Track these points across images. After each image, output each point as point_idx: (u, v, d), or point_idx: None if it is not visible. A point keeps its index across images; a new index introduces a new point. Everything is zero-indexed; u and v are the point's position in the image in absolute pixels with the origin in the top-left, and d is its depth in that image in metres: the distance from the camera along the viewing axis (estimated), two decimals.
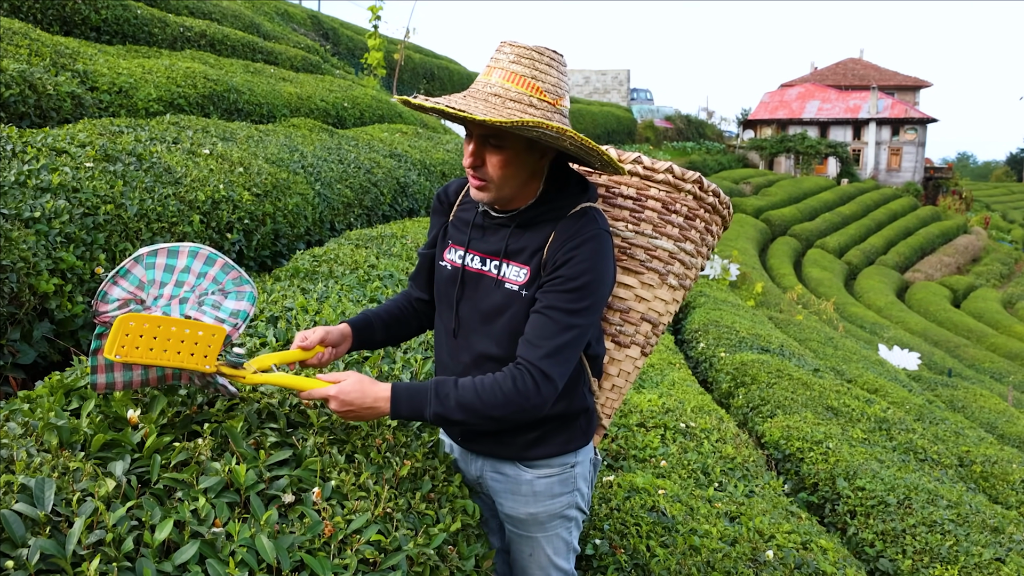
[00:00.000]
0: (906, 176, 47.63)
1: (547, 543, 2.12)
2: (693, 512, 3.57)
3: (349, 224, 6.87)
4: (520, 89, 1.77)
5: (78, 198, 3.64)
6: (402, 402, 1.80)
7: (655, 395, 5.38)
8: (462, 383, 1.81)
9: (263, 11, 18.29)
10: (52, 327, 3.18)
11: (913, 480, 5.13)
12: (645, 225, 2.11)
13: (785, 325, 13.10)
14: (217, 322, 1.79)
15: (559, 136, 1.70)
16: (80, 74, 6.65)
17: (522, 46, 1.80)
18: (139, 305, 1.70)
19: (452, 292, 2.01)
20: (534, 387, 1.79)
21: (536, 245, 1.88)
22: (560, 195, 1.91)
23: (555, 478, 2.06)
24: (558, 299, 1.81)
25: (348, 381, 1.79)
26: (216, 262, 1.79)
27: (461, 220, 2.04)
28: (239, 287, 1.83)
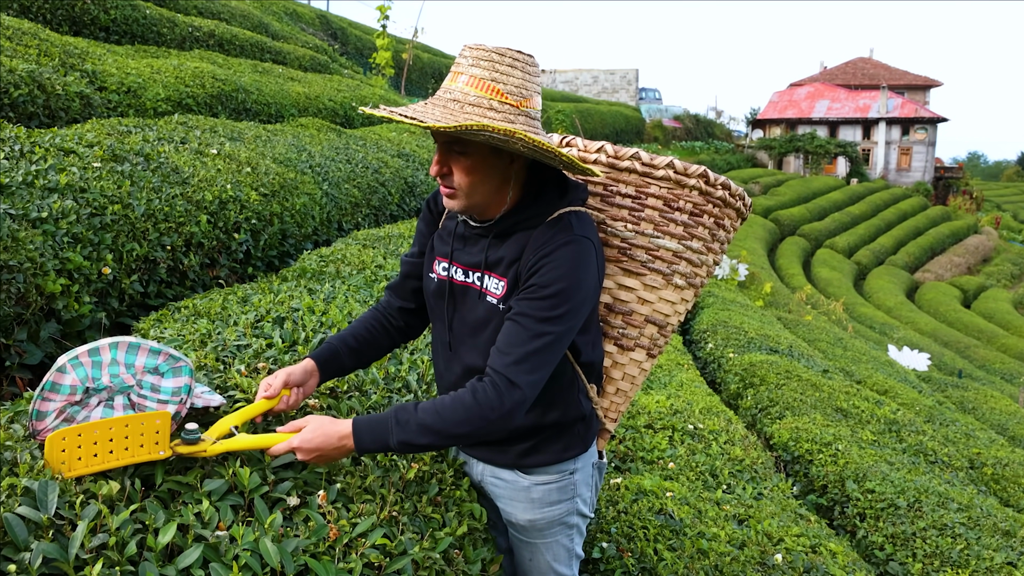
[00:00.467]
0: (916, 176, 47.43)
1: (547, 549, 2.10)
2: (701, 515, 3.55)
3: (357, 224, 6.87)
4: (479, 93, 1.71)
5: (85, 198, 3.64)
6: (364, 435, 1.73)
7: (663, 396, 5.36)
8: (422, 405, 1.74)
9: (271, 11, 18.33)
10: (59, 327, 3.18)
11: (923, 483, 5.09)
12: (645, 224, 2.01)
13: (794, 326, 13.06)
14: (161, 405, 1.75)
15: (508, 139, 1.65)
16: (89, 74, 6.67)
17: (482, 48, 1.74)
18: (76, 406, 1.65)
19: (442, 305, 1.97)
20: (496, 396, 1.71)
21: (513, 256, 1.83)
22: (536, 202, 1.85)
23: (553, 485, 2.02)
24: (530, 306, 1.75)
25: (308, 427, 1.73)
26: (140, 349, 1.73)
27: (446, 230, 2.00)
28: (174, 365, 1.78)
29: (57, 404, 1.62)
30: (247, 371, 2.31)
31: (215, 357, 2.38)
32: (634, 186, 2.03)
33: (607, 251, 2.04)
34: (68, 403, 1.64)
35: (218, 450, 1.68)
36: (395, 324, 2.13)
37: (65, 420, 1.63)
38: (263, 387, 1.88)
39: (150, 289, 3.88)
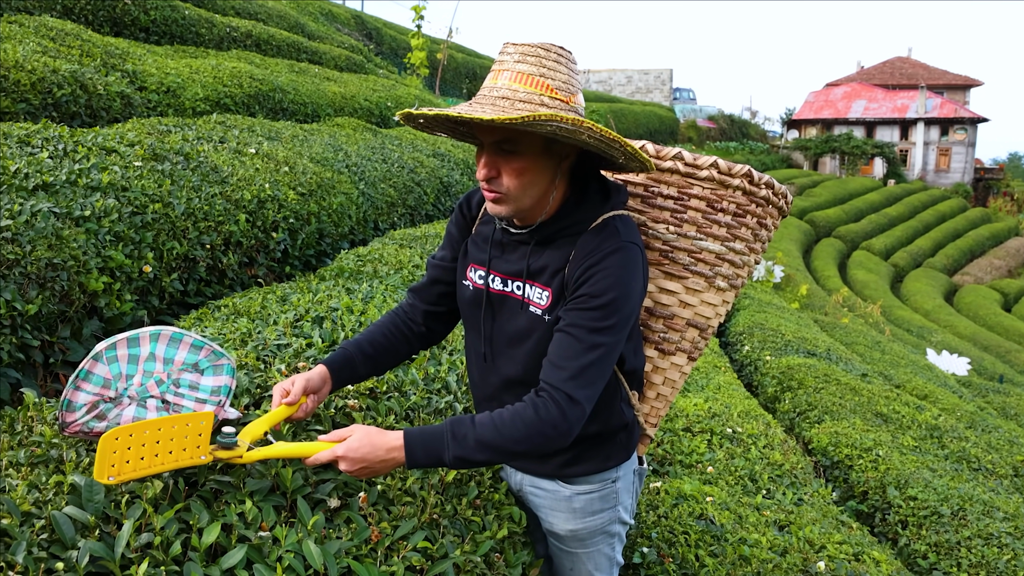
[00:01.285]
0: (955, 177, 46.66)
1: (588, 559, 2.06)
2: (741, 520, 3.49)
3: (393, 223, 6.88)
4: (530, 88, 1.65)
5: (127, 197, 3.67)
6: (417, 450, 1.64)
7: (701, 399, 5.30)
8: (479, 420, 1.66)
9: (308, 11, 18.46)
10: (101, 325, 3.21)
11: (967, 490, 4.99)
12: (688, 226, 1.96)
13: (831, 328, 12.89)
14: (199, 404, 1.70)
15: (576, 129, 1.57)
16: (129, 74, 6.75)
17: (527, 44, 1.68)
18: (109, 403, 1.58)
19: (478, 315, 1.90)
20: (559, 413, 1.65)
21: (557, 264, 1.76)
22: (580, 207, 1.78)
23: (595, 494, 1.98)
24: (581, 317, 1.69)
25: (354, 437, 1.63)
26: (182, 341, 1.66)
27: (481, 236, 1.92)
28: (215, 362, 1.71)
29: (89, 396, 1.55)
30: (287, 370, 2.31)
31: (256, 356, 2.38)
32: (676, 187, 1.97)
33: (648, 254, 1.98)
34: (100, 398, 1.57)
35: (255, 457, 1.62)
36: (416, 330, 2.04)
37: (96, 416, 1.57)
38: (280, 392, 1.77)
39: (190, 287, 3.91)
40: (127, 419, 1.60)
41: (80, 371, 1.53)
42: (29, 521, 1.40)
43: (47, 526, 1.39)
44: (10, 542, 1.33)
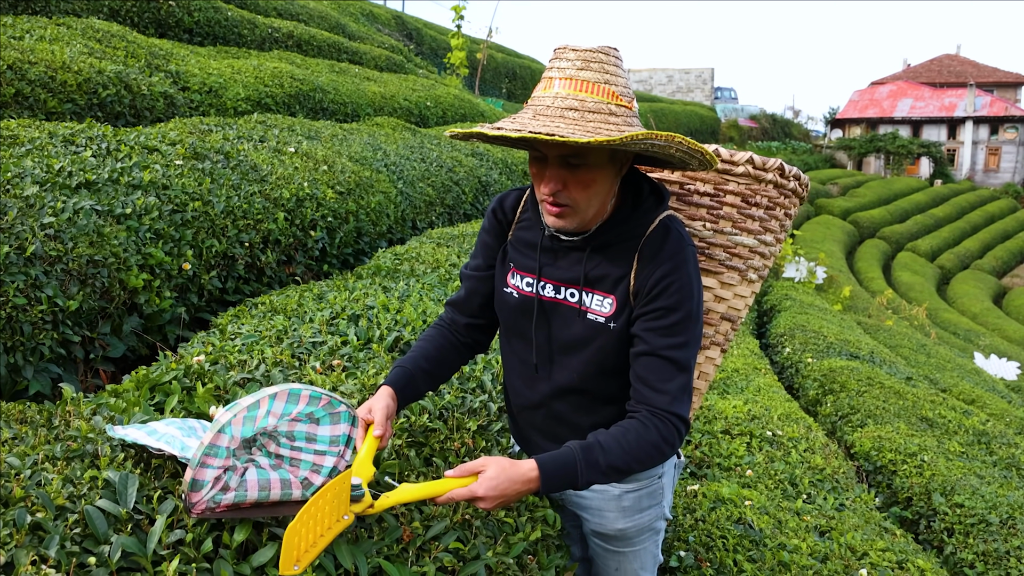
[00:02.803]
0: (1005, 177, 45.61)
1: (635, 558, 2.05)
2: (781, 525, 3.43)
3: (431, 223, 6.89)
4: (598, 98, 1.61)
5: (167, 195, 3.71)
6: (553, 479, 1.61)
7: (740, 401, 5.22)
8: (605, 443, 1.64)
9: (348, 12, 18.60)
10: (141, 321, 3.24)
11: (1017, 498, 4.85)
12: (724, 223, 1.97)
13: (874, 331, 12.66)
14: (318, 456, 1.62)
15: (669, 144, 1.56)
16: (172, 74, 6.84)
17: (587, 49, 1.64)
18: (230, 471, 1.49)
19: (526, 323, 1.86)
20: (676, 434, 1.68)
21: (620, 271, 1.73)
22: (637, 210, 1.75)
23: (643, 491, 1.96)
24: (664, 336, 1.69)
25: (490, 471, 1.57)
26: (300, 396, 1.55)
27: (523, 241, 1.87)
28: (332, 410, 1.62)
29: (215, 471, 1.44)
30: (322, 368, 2.31)
31: (291, 354, 2.38)
32: (712, 183, 1.97)
33: None
34: (223, 470, 1.46)
35: (386, 505, 1.55)
36: (463, 341, 2.00)
37: (222, 489, 1.46)
38: (360, 426, 1.68)
39: (228, 285, 3.94)
40: (252, 483, 1.52)
41: (204, 449, 1.43)
42: (63, 515, 1.40)
43: (80, 520, 1.39)
44: (44, 536, 1.34)
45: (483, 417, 2.30)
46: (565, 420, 1.88)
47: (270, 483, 1.53)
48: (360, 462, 1.62)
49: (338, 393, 2.11)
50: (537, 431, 1.95)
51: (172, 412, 1.84)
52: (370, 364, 2.40)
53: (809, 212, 33.00)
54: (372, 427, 1.69)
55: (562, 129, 1.54)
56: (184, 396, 1.94)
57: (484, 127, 1.61)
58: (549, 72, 1.67)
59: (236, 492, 1.48)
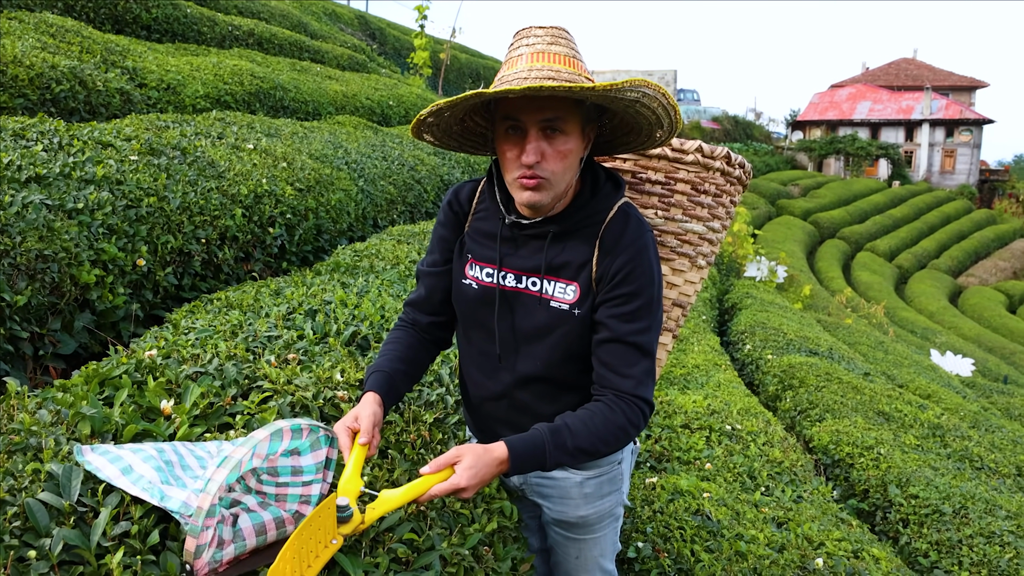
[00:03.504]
0: (960, 179, 46.51)
1: (595, 545, 2.06)
2: (739, 517, 3.46)
3: (392, 220, 6.86)
4: (570, 70, 1.62)
5: (121, 190, 3.65)
6: (522, 458, 1.62)
7: (700, 396, 5.26)
8: (572, 425, 1.66)
9: (311, 11, 18.46)
10: (93, 318, 3.18)
11: (969, 489, 4.95)
12: (675, 210, 2.02)
13: (834, 328, 12.84)
14: (306, 487, 1.59)
15: (655, 94, 1.58)
16: (129, 71, 6.73)
17: (552, 26, 1.67)
18: (221, 523, 1.42)
19: (487, 314, 1.85)
20: (642, 417, 1.72)
21: (581, 258, 1.74)
22: (596, 196, 1.76)
23: (604, 477, 1.98)
24: (628, 321, 1.70)
25: (467, 460, 1.56)
26: (283, 433, 1.51)
27: (481, 232, 1.86)
28: (313, 438, 1.59)
29: (212, 531, 1.37)
30: (277, 362, 2.29)
31: (245, 348, 2.35)
32: (664, 172, 2.02)
33: None
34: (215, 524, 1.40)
35: (374, 517, 1.53)
36: (427, 339, 1.99)
37: (218, 545, 1.40)
38: (346, 433, 1.65)
39: (184, 282, 3.89)
40: (248, 531, 1.47)
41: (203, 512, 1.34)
42: (2, 509, 1.37)
43: (21, 514, 1.36)
44: None
45: (439, 410, 2.29)
46: (528, 409, 1.88)
47: (265, 526, 1.50)
48: (347, 480, 1.57)
49: (292, 387, 2.09)
50: (499, 422, 1.95)
51: (122, 406, 1.80)
52: (326, 358, 2.38)
53: (771, 213, 33.40)
54: (358, 436, 1.65)
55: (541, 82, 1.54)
56: (135, 390, 1.91)
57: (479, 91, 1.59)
58: (517, 51, 1.67)
59: (235, 544, 1.44)
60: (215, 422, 1.86)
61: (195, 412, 1.84)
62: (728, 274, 15.30)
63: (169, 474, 1.48)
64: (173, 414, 1.81)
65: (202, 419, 1.85)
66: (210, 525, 1.36)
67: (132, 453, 1.49)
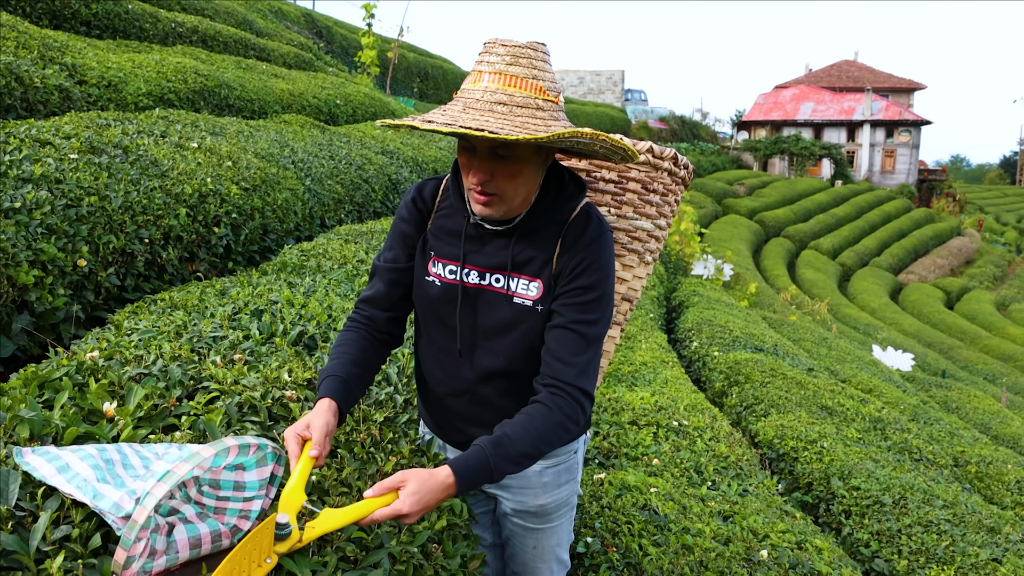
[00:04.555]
0: (900, 178, 47.67)
1: (552, 534, 2.10)
2: (686, 511, 3.51)
3: (340, 220, 6.81)
4: (526, 92, 1.64)
5: (61, 189, 3.57)
6: (471, 479, 1.61)
7: (647, 393, 5.32)
8: (512, 433, 1.65)
9: (256, 8, 18.22)
10: (32, 320, 3.11)
11: (908, 480, 5.08)
12: (627, 208, 2.10)
13: (779, 325, 13.07)
14: (246, 503, 1.54)
15: (592, 142, 1.62)
16: (68, 67, 6.58)
17: (516, 44, 1.67)
18: (155, 532, 1.38)
19: (449, 310, 1.86)
20: (580, 410, 1.72)
21: (544, 256, 1.78)
22: (559, 197, 1.81)
23: (562, 466, 2.03)
24: (579, 312, 1.74)
25: (410, 486, 1.54)
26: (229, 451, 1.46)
27: (444, 229, 1.88)
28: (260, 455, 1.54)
29: (144, 542, 1.33)
30: (223, 362, 2.26)
31: (190, 348, 2.32)
32: (616, 171, 2.10)
33: None
34: (148, 536, 1.36)
35: (313, 536, 1.49)
36: (381, 338, 1.95)
37: (150, 556, 1.36)
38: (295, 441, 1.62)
39: (127, 283, 3.82)
40: (182, 543, 1.43)
41: (136, 526, 1.29)
42: None
43: None
44: None
45: (389, 409, 2.29)
46: (490, 404, 1.90)
47: (200, 539, 1.47)
48: (290, 491, 1.53)
49: (239, 387, 2.06)
50: (460, 418, 1.96)
51: (63, 409, 1.77)
52: (273, 358, 2.36)
53: (717, 212, 33.84)
54: (308, 446, 1.61)
55: (491, 124, 1.58)
56: (76, 393, 1.87)
57: (415, 119, 1.62)
58: (479, 66, 1.70)
59: (167, 556, 1.40)
60: (160, 424, 1.83)
61: (139, 414, 1.81)
62: (675, 272, 15.48)
63: (107, 472, 1.44)
64: (116, 416, 1.78)
65: (146, 421, 1.82)
66: (143, 537, 1.33)
67: (71, 453, 1.45)
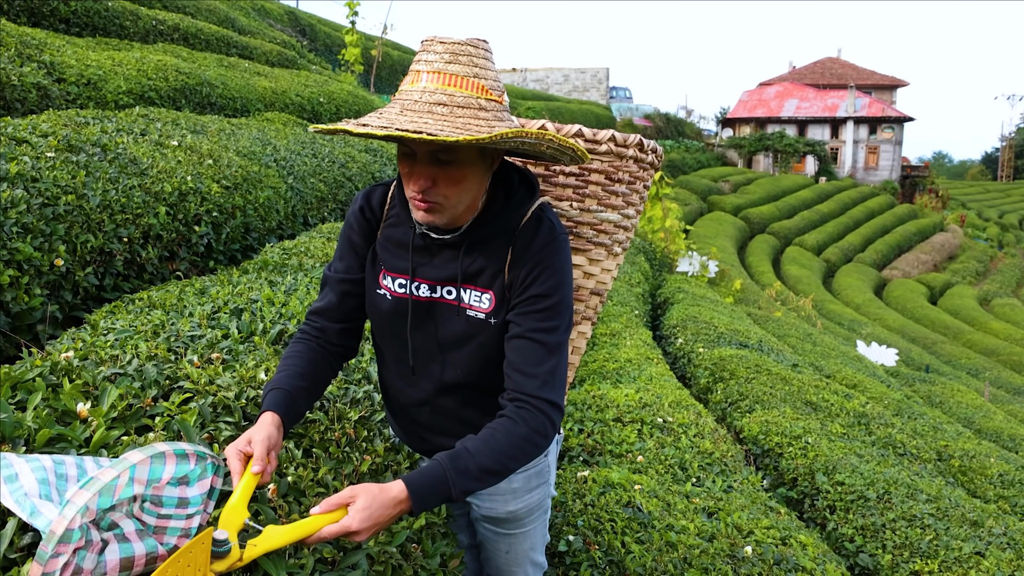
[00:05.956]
0: (883, 174, 47.98)
1: (525, 539, 2.06)
2: (670, 508, 3.50)
3: (323, 218, 6.77)
4: (467, 92, 1.55)
5: (37, 188, 3.52)
6: (425, 496, 1.52)
7: (632, 390, 5.32)
8: (473, 448, 1.57)
9: (238, 6, 18.11)
10: (7, 320, 3.07)
11: (892, 475, 5.10)
12: (590, 200, 2.01)
13: (764, 321, 13.11)
14: (189, 520, 1.45)
15: (538, 142, 1.55)
16: (47, 65, 6.51)
17: (455, 42, 1.58)
18: (83, 550, 1.28)
19: (400, 324, 1.79)
20: (546, 421, 1.63)
21: (495, 266, 1.70)
22: (508, 203, 1.72)
23: (532, 471, 1.98)
24: (537, 320, 1.66)
25: (360, 502, 1.46)
26: (166, 457, 1.39)
27: (392, 240, 1.80)
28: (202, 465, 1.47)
29: (66, 557, 1.22)
30: (200, 362, 2.23)
31: (167, 348, 2.30)
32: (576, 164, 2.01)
33: None
34: (75, 549, 1.25)
35: (255, 555, 1.41)
36: (333, 351, 1.88)
37: (74, 574, 1.26)
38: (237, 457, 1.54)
39: (106, 282, 3.77)
40: (112, 564, 1.32)
41: (56, 538, 1.21)
42: None
43: None
44: None
45: (365, 408, 2.27)
46: (452, 415, 1.85)
47: (134, 560, 1.36)
48: (231, 508, 1.46)
49: (214, 387, 2.04)
50: (423, 427, 1.92)
51: (36, 410, 1.74)
52: (250, 357, 2.33)
53: (702, 208, 33.97)
54: (251, 462, 1.53)
55: (430, 126, 1.49)
56: (49, 394, 1.84)
57: (349, 123, 1.54)
58: (416, 65, 1.61)
59: (95, 573, 1.30)
60: (133, 424, 1.80)
61: (113, 415, 1.78)
62: (660, 269, 15.50)
63: (55, 488, 1.35)
64: (90, 417, 1.75)
65: (120, 422, 1.79)
66: (63, 552, 1.22)
67: (25, 463, 1.37)
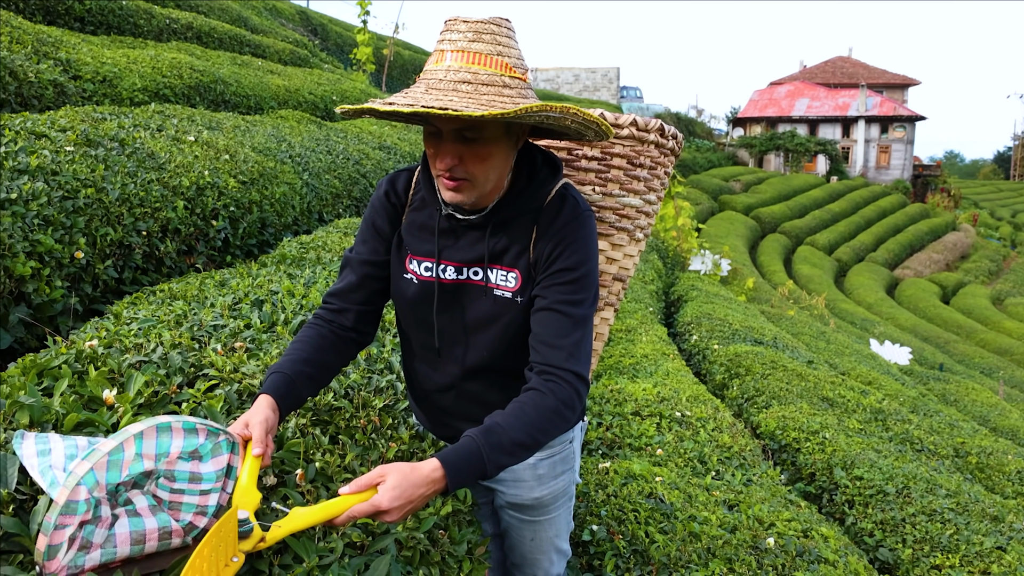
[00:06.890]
0: (895, 174, 47.76)
1: (550, 526, 2.05)
2: (691, 499, 3.49)
3: (338, 214, 6.78)
4: (491, 70, 1.56)
5: (57, 181, 3.53)
6: (461, 473, 1.48)
7: (649, 384, 5.30)
8: (504, 422, 1.55)
9: (251, 5, 18.17)
10: (29, 311, 3.07)
11: (911, 470, 5.07)
12: (612, 185, 2.02)
13: (777, 320, 13.06)
14: (203, 497, 1.43)
15: (564, 116, 1.54)
16: (63, 62, 6.53)
17: (478, 20, 1.59)
18: (91, 524, 1.26)
19: (426, 308, 1.79)
20: (573, 393, 1.62)
21: (520, 244, 1.71)
22: (532, 183, 1.72)
23: (557, 457, 1.97)
24: (563, 292, 1.66)
25: (390, 480, 1.43)
26: (173, 430, 1.37)
27: (417, 225, 1.80)
28: (214, 441, 1.45)
29: (72, 530, 1.22)
30: (223, 350, 2.23)
31: (191, 336, 2.30)
32: (599, 148, 2.02)
33: None
34: (81, 523, 1.24)
35: (279, 535, 1.40)
36: (345, 337, 1.84)
37: (82, 548, 1.25)
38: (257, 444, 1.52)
39: (125, 275, 3.78)
40: (123, 537, 1.31)
41: (59, 508, 1.21)
42: None
43: None
44: None
45: (389, 396, 2.26)
46: (477, 399, 1.85)
47: (145, 535, 1.34)
48: (242, 490, 1.45)
49: (239, 375, 2.04)
50: (448, 414, 1.92)
51: (62, 396, 1.74)
52: (274, 346, 2.33)
53: (714, 208, 33.90)
54: (250, 445, 1.52)
55: (455, 103, 1.49)
56: (75, 380, 1.84)
57: (375, 103, 1.54)
58: (440, 45, 1.61)
59: (103, 550, 1.29)
60: (160, 411, 1.80)
61: (139, 401, 1.78)
62: (673, 267, 15.47)
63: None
64: (116, 403, 1.75)
65: (146, 408, 1.79)
66: (68, 523, 1.22)
67: (60, 440, 1.38)
